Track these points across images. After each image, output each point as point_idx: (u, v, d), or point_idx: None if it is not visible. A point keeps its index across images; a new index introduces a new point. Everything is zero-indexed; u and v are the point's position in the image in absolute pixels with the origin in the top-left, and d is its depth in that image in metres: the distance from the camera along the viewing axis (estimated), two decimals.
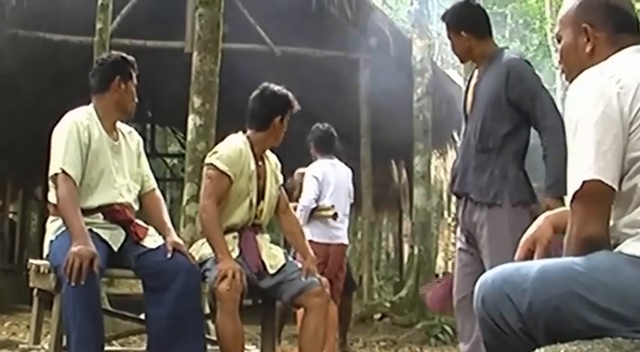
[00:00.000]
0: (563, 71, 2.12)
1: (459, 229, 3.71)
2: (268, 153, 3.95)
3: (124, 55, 3.75)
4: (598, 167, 1.80)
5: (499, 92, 3.50)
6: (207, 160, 3.77)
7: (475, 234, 3.55)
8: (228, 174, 3.67)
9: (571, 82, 2.01)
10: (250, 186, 3.74)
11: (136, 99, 3.69)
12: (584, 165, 1.81)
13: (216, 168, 3.68)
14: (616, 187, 1.82)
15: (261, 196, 3.80)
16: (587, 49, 2.01)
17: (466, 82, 3.82)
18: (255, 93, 3.89)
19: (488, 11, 3.99)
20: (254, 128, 3.84)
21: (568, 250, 1.87)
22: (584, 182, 1.80)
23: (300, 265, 3.76)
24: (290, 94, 3.87)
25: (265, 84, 3.91)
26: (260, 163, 3.83)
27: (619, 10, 2.03)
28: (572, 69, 2.06)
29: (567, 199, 1.87)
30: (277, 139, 3.89)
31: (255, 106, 3.84)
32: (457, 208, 3.79)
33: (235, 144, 3.77)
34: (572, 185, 1.83)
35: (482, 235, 3.50)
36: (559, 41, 2.11)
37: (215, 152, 3.78)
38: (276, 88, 3.88)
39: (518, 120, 3.52)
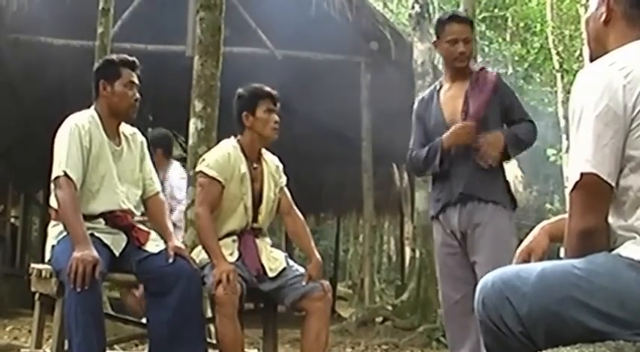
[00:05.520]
0: (589, 43, 2.16)
1: (443, 235, 3.72)
2: (268, 155, 3.94)
3: (111, 56, 3.74)
4: (595, 161, 1.81)
5: (494, 100, 3.67)
6: (197, 168, 3.81)
7: (474, 235, 3.58)
8: (218, 180, 3.68)
9: (591, 59, 2.05)
10: (243, 189, 3.74)
11: (135, 96, 3.60)
12: (583, 157, 1.83)
13: (206, 175, 3.70)
14: (613, 183, 1.82)
15: (258, 199, 3.80)
16: (603, 19, 2.04)
17: (434, 94, 3.84)
18: None
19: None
20: (238, 131, 3.87)
21: (567, 243, 1.88)
22: (581, 174, 1.81)
23: (302, 270, 3.74)
24: (260, 87, 3.84)
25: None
26: (255, 165, 3.82)
27: None
28: (591, 38, 2.10)
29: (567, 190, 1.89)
30: (264, 137, 3.82)
31: (233, 110, 3.87)
32: (445, 212, 3.72)
33: (224, 149, 3.79)
34: (572, 175, 1.84)
35: (484, 234, 3.53)
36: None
37: (204, 160, 3.81)
38: (247, 86, 3.87)
39: (506, 124, 3.75)
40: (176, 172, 6.09)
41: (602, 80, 1.84)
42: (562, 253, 1.93)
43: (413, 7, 9.88)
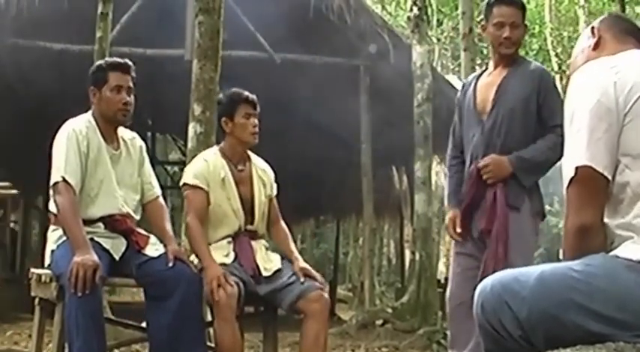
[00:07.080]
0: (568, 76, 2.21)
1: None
2: (258, 162, 3.95)
3: (101, 61, 3.76)
4: (590, 154, 1.82)
5: (530, 94, 3.51)
6: (181, 182, 3.85)
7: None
8: (200, 187, 3.72)
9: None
10: (228, 193, 3.76)
11: (124, 100, 3.54)
12: (577, 152, 1.84)
13: (188, 185, 3.75)
14: (609, 176, 1.83)
15: (250, 202, 3.81)
16: (592, 43, 2.10)
17: (474, 80, 3.73)
18: None
19: None
20: (221, 137, 3.93)
21: (565, 242, 1.89)
22: (576, 168, 1.82)
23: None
24: (239, 92, 3.86)
25: None
26: (241, 168, 3.84)
27: (627, 21, 2.19)
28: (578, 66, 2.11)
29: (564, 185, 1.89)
30: (243, 142, 3.83)
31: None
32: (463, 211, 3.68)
33: (202, 158, 3.85)
34: (567, 171, 1.85)
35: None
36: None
37: (185, 172, 3.87)
38: (227, 91, 3.92)
39: (538, 124, 3.54)
40: None
41: (594, 78, 1.88)
42: (561, 254, 1.94)
43: (411, 10, 9.89)
